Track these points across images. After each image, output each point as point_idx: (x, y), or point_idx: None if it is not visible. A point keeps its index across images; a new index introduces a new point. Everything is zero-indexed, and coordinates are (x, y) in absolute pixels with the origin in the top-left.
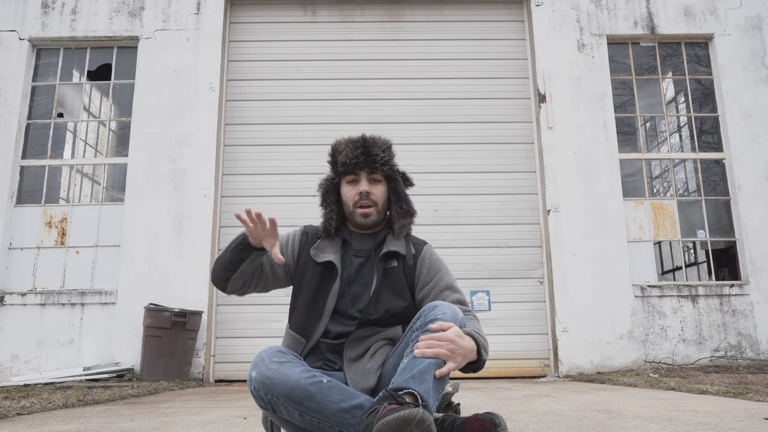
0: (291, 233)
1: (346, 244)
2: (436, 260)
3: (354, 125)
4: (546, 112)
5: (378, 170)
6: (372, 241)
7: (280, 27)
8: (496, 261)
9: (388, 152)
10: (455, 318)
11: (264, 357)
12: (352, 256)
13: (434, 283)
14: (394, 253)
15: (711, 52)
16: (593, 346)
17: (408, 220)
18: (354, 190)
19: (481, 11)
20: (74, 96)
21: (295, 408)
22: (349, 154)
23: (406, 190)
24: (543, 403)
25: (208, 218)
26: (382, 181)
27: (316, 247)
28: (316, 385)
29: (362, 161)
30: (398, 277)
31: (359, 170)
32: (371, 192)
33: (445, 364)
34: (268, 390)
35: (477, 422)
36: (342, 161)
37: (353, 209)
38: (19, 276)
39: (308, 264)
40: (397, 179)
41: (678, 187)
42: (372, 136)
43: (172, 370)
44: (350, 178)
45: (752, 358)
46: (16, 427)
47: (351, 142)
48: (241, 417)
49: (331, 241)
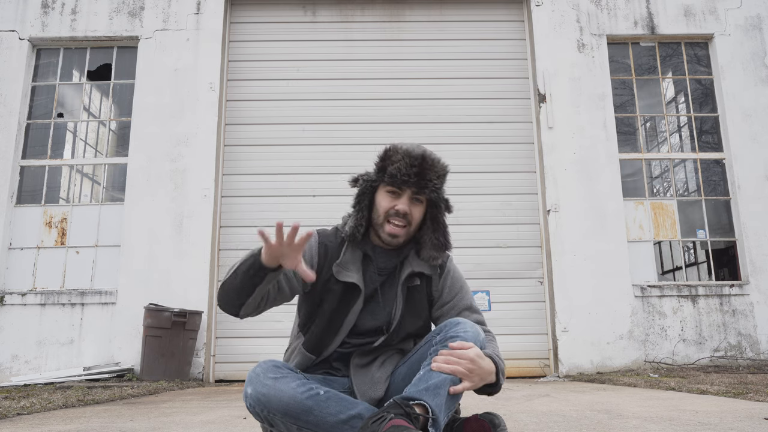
0: (307, 248)
1: (368, 259)
2: (458, 278)
3: (354, 125)
4: (546, 112)
5: (425, 193)
6: (396, 258)
7: (280, 27)
8: (496, 261)
9: (442, 179)
10: (477, 338)
11: (259, 373)
12: (375, 273)
13: (454, 303)
14: (419, 273)
15: (711, 52)
16: (593, 346)
17: (440, 254)
18: (391, 203)
19: (481, 11)
20: (74, 96)
21: (293, 423)
22: (402, 169)
23: (446, 217)
24: (543, 403)
25: (208, 218)
26: (424, 203)
27: (339, 264)
28: (312, 399)
29: (413, 182)
30: (421, 297)
31: (406, 187)
32: (409, 212)
33: (461, 382)
34: (264, 407)
35: (477, 422)
36: (392, 173)
37: (383, 222)
38: (19, 276)
39: (330, 281)
40: (440, 206)
41: (678, 187)
42: (432, 157)
43: (172, 370)
44: (392, 189)
45: (752, 358)
46: (16, 427)
47: (409, 156)
48: (241, 417)
49: (354, 254)
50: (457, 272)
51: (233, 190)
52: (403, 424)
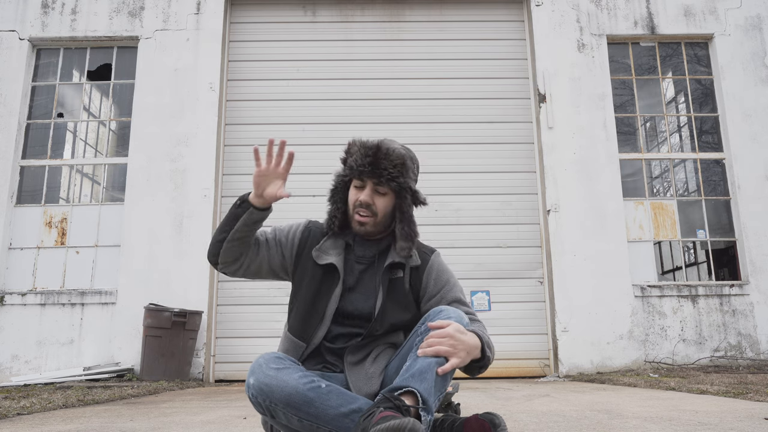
0: (294, 225)
1: (349, 248)
2: (444, 271)
3: (354, 125)
4: (546, 112)
5: (384, 184)
6: (376, 248)
7: (280, 27)
8: (496, 261)
9: (400, 168)
10: (460, 320)
11: (261, 363)
12: (354, 261)
13: (441, 296)
14: (399, 263)
15: (711, 52)
16: (593, 346)
17: (407, 244)
18: (356, 196)
19: (481, 11)
20: (74, 96)
21: (294, 414)
22: (358, 160)
23: (414, 209)
24: (543, 403)
25: (208, 218)
26: (389, 194)
27: (318, 248)
28: (314, 391)
29: (368, 171)
30: (403, 288)
31: (366, 178)
32: (372, 203)
33: (447, 362)
34: (266, 397)
35: (477, 422)
36: (350, 164)
37: (353, 213)
38: (19, 276)
39: (309, 264)
40: (405, 197)
41: (678, 187)
42: (388, 147)
43: (172, 370)
44: (358, 183)
45: (752, 358)
46: (16, 427)
47: (364, 147)
48: (241, 417)
49: (335, 242)
50: (443, 266)
51: (233, 190)
52: (389, 414)
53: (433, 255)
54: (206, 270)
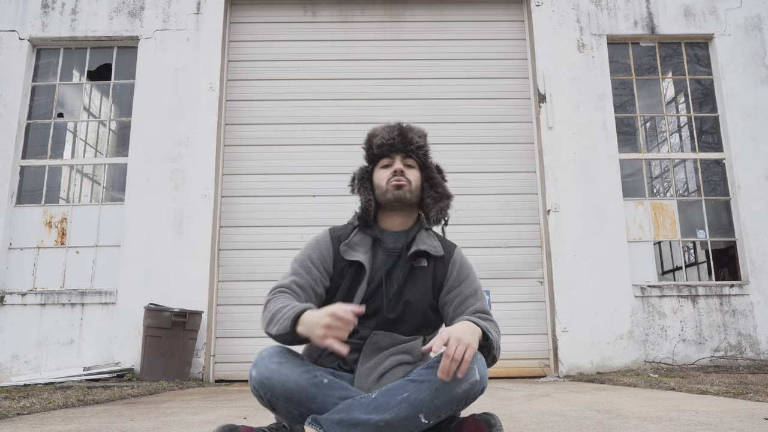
0: (320, 240)
1: (378, 243)
2: (467, 266)
3: (354, 125)
4: (546, 112)
5: (413, 155)
6: (404, 239)
7: (280, 27)
8: (496, 261)
9: (424, 139)
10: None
11: (265, 356)
12: (385, 255)
13: (461, 288)
14: (424, 252)
15: (711, 52)
16: (593, 346)
17: (445, 203)
18: (388, 171)
19: (481, 11)
20: (74, 96)
21: (295, 408)
22: (385, 136)
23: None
24: (543, 403)
25: (208, 218)
26: (416, 167)
27: (347, 243)
28: (316, 386)
29: (398, 143)
30: (426, 277)
31: (394, 153)
32: (405, 172)
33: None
34: (268, 390)
35: (473, 422)
36: (378, 143)
37: (386, 186)
38: (19, 276)
39: (344, 267)
40: (431, 167)
41: (678, 187)
42: (408, 125)
43: (172, 370)
44: (385, 162)
45: (752, 358)
46: (16, 427)
47: (388, 126)
48: (241, 417)
49: (363, 237)
50: (465, 261)
51: (233, 190)
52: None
53: (456, 249)
54: (206, 270)
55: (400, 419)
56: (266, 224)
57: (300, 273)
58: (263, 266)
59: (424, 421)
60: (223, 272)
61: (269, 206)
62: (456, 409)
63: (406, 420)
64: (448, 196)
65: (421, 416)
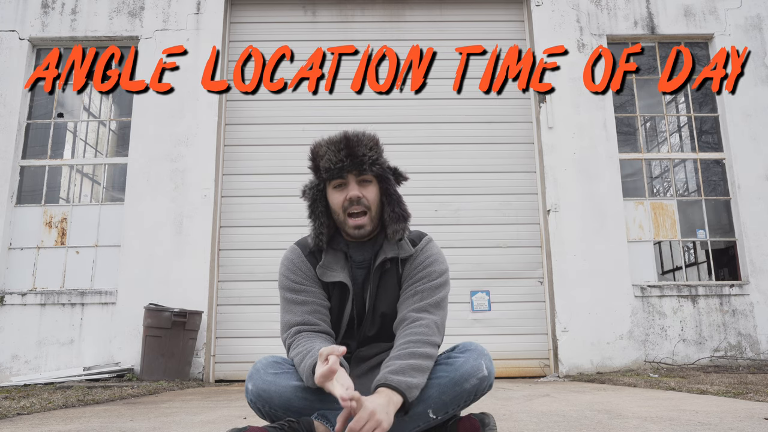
0: (296, 263)
1: (347, 257)
2: (427, 256)
3: (354, 125)
4: (546, 112)
5: (367, 171)
6: (371, 250)
7: (280, 27)
8: (496, 261)
9: (376, 149)
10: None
11: (259, 368)
12: (355, 269)
13: (409, 284)
14: (391, 259)
15: (711, 52)
16: (593, 346)
17: (401, 225)
18: (342, 195)
19: (481, 11)
20: (74, 96)
21: (294, 418)
22: (332, 158)
23: (399, 187)
24: (543, 403)
25: (208, 218)
26: (373, 181)
27: (321, 266)
28: (314, 395)
29: (348, 164)
30: (393, 280)
31: (346, 173)
32: (362, 196)
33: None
34: (266, 402)
35: (468, 421)
36: (325, 166)
37: (344, 218)
38: (19, 276)
39: (328, 285)
40: (389, 178)
41: (678, 187)
42: (355, 133)
43: (172, 370)
44: (337, 182)
45: (752, 358)
46: (16, 427)
47: (332, 143)
48: (241, 417)
49: (335, 255)
50: (429, 251)
51: (233, 190)
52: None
53: (422, 240)
54: (206, 270)
55: (409, 416)
56: (266, 224)
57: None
58: (263, 266)
59: (432, 416)
60: (223, 272)
61: (269, 206)
62: (464, 405)
63: (415, 416)
64: (405, 218)
65: (429, 412)
